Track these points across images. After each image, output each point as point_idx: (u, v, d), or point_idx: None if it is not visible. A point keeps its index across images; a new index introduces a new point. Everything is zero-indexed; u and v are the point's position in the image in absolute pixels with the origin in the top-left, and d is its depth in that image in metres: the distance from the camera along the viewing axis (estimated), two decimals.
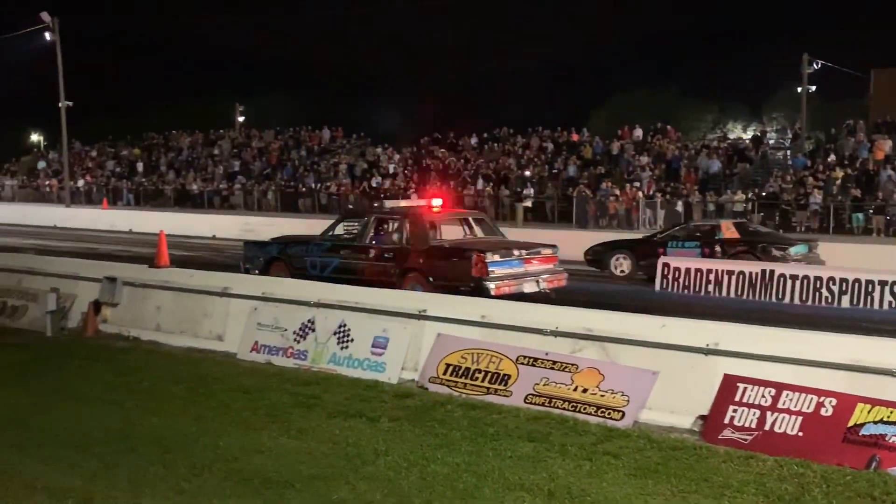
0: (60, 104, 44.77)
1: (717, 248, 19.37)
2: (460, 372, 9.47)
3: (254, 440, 7.76)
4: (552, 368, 8.93)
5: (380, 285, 12.93)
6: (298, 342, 10.92)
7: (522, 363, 9.13)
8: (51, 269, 14.65)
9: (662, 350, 8.60)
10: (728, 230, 19.93)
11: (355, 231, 16.14)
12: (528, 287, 14.53)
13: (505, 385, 9.09)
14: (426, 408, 8.71)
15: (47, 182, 51.40)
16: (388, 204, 16.80)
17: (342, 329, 10.63)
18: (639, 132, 40.35)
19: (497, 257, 14.38)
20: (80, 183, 49.66)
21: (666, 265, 18.17)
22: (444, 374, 9.55)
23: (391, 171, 42.02)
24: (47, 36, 43.66)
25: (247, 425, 8.22)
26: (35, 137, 72.75)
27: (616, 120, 47.18)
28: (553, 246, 15.69)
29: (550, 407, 8.66)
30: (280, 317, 11.27)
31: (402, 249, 15.08)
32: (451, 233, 16.08)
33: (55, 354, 11.63)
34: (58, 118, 45.77)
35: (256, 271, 16.40)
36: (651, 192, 33.27)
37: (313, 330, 10.87)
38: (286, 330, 11.09)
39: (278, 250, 16.73)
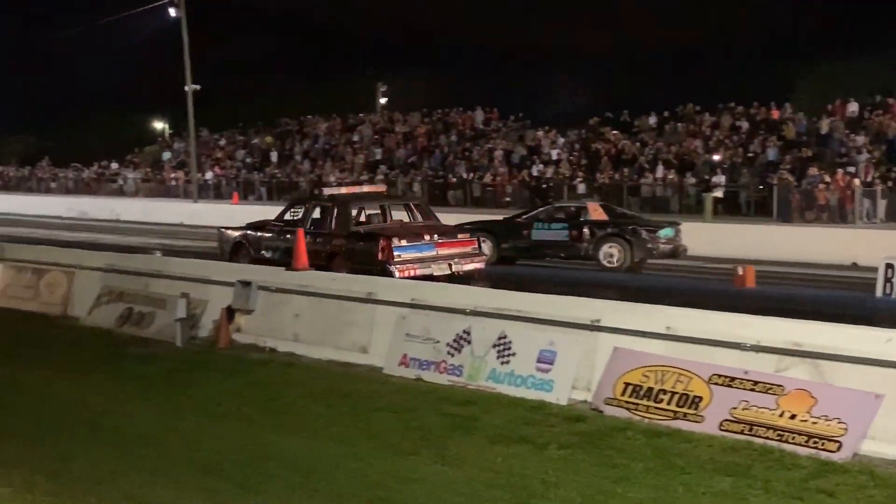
0: (186, 88, 46.41)
1: (585, 231, 21.08)
2: (641, 392, 9.37)
3: (404, 467, 7.89)
4: (753, 390, 8.73)
5: (314, 268, 15.73)
6: (452, 355, 11.05)
7: (716, 383, 8.96)
8: (180, 272, 15.23)
9: (888, 369, 8.29)
10: (595, 211, 21.55)
11: (298, 217, 18.79)
12: (438, 270, 17.17)
13: (695, 409, 8.95)
14: (602, 434, 8.66)
15: (172, 175, 53.66)
16: (327, 191, 19.47)
17: (502, 341, 10.69)
18: (854, 107, 38.89)
19: (404, 242, 17.14)
20: (209, 175, 51.60)
21: (890, 266, 17.38)
22: (623, 394, 9.47)
23: (554, 157, 41.94)
24: (172, 12, 45.49)
25: (396, 450, 8.36)
26: (159, 125, 75.84)
27: (825, 93, 45.50)
28: (470, 231, 19.07)
29: (751, 435, 8.47)
30: (431, 326, 11.42)
31: (329, 234, 17.95)
32: (378, 218, 19.03)
33: (185, 367, 12.13)
34: (183, 104, 47.48)
35: (227, 257, 19.35)
36: (869, 179, 32.02)
37: (469, 342, 10.98)
38: (438, 341, 11.24)
39: (241, 235, 19.78)
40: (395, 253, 16.85)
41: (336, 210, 18.21)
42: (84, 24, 57.17)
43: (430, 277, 16.52)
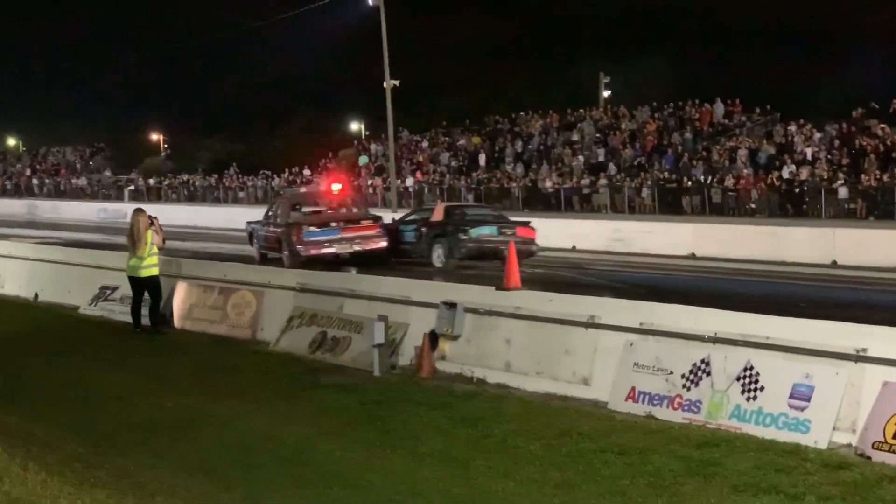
0: (385, 84, 47.29)
1: (423, 231, 25.93)
2: None
3: None
4: None
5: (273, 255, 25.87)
6: (688, 389, 10.91)
7: None
8: (377, 292, 15.52)
9: None
10: (436, 213, 26.56)
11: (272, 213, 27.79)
12: (340, 249, 25.09)
13: None
14: (869, 484, 8.39)
15: (369, 182, 54.58)
16: (288, 190, 29.33)
17: (748, 373, 10.49)
18: None
19: (313, 228, 25.16)
20: (409, 182, 52.45)
21: None
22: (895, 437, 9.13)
23: (809, 156, 40.59)
24: (369, 1, 46.44)
25: (625, 497, 8.32)
26: (354, 126, 77.50)
27: None
28: (375, 217, 26.95)
29: None
30: (663, 355, 11.31)
31: (277, 225, 26.43)
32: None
33: (386, 399, 12.34)
34: (381, 102, 48.35)
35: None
36: None
37: (708, 373, 10.81)
38: (671, 373, 11.12)
39: (251, 228, 28.68)
40: (304, 237, 24.87)
41: (281, 204, 27.54)
42: (277, 17, 59.67)
43: (336, 256, 25.17)
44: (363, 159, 60.15)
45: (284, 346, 15.79)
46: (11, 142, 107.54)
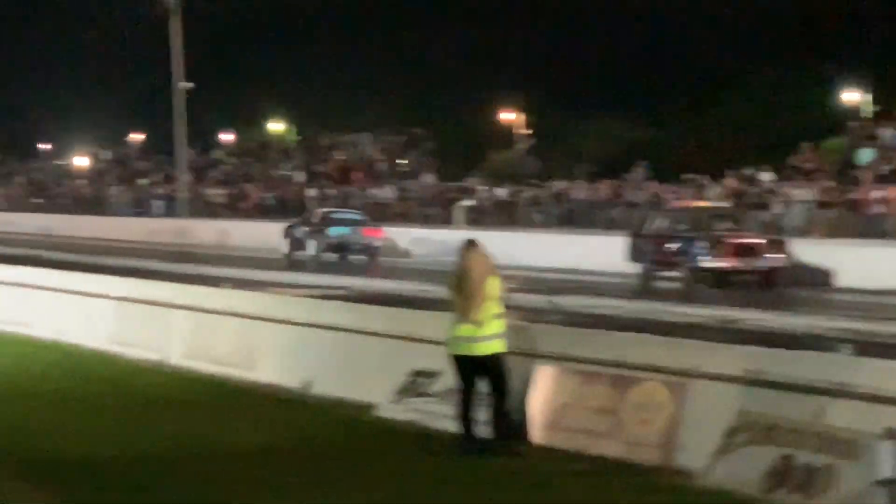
0: None
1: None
2: None
3: None
4: None
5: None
6: None
7: None
8: (882, 389, 10.70)
9: None
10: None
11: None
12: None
13: None
14: None
15: (873, 194, 35.41)
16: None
17: None
18: None
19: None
20: None
21: None
22: None
23: None
24: None
25: None
26: (849, 97, 51.10)
27: None
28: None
29: None
30: None
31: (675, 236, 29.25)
32: None
33: None
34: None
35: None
36: None
37: None
38: None
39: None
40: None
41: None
42: None
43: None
44: (865, 154, 40.18)
45: (720, 480, 11.22)
46: (277, 127, 75.41)
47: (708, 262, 26.16)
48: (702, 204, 33.40)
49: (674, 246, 27.34)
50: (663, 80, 58.10)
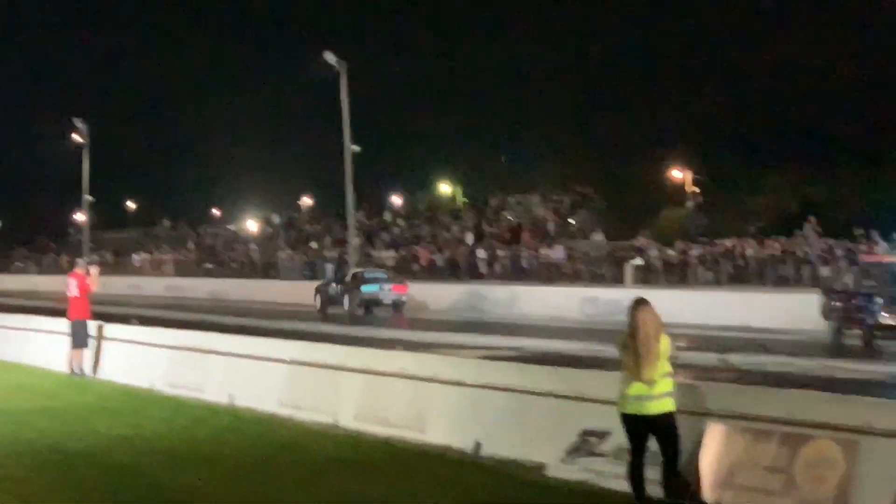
0: None
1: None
2: None
3: None
4: None
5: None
6: None
7: None
8: None
9: None
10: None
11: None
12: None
13: None
14: None
15: None
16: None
17: None
18: None
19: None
20: None
21: None
22: None
23: None
24: None
25: None
26: None
27: None
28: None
29: None
30: None
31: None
32: None
33: None
34: None
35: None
36: None
37: None
38: None
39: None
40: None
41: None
42: None
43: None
44: None
45: None
46: (445, 189, 78.04)
47: (886, 320, 24.90)
48: (890, 259, 30.56)
49: (857, 302, 26.25)
50: (837, 135, 54.78)
